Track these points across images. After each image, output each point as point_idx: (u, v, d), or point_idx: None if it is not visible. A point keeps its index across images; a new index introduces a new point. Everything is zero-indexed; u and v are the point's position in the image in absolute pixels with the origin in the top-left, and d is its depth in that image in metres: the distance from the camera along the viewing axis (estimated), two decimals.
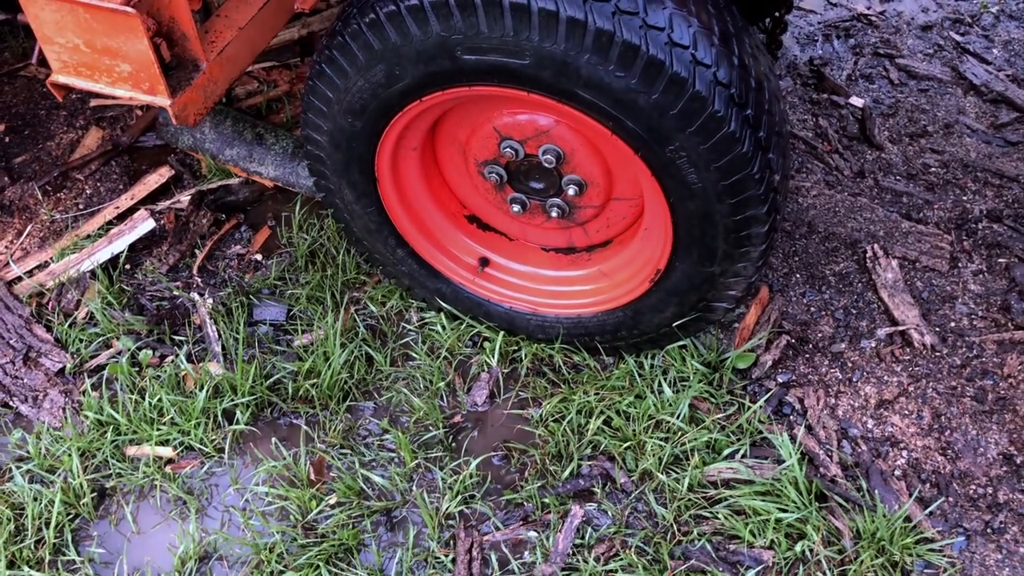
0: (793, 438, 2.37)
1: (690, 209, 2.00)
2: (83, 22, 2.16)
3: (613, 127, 1.90)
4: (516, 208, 2.36)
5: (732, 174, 1.89)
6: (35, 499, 2.28)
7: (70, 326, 2.65)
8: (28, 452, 2.38)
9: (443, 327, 2.62)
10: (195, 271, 2.82)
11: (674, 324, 2.34)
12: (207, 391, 2.44)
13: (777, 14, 2.63)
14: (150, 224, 2.85)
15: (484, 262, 2.54)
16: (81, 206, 3.01)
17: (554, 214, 2.34)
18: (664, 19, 1.76)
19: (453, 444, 2.43)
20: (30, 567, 2.19)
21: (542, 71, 1.83)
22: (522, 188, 2.34)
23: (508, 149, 2.21)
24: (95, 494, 2.33)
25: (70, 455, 2.35)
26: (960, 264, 2.80)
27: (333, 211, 2.47)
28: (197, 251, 2.89)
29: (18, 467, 2.36)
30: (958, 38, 3.67)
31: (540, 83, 1.86)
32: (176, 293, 2.74)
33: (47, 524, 2.25)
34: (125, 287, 2.77)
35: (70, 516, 2.30)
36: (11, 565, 2.19)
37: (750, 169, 1.88)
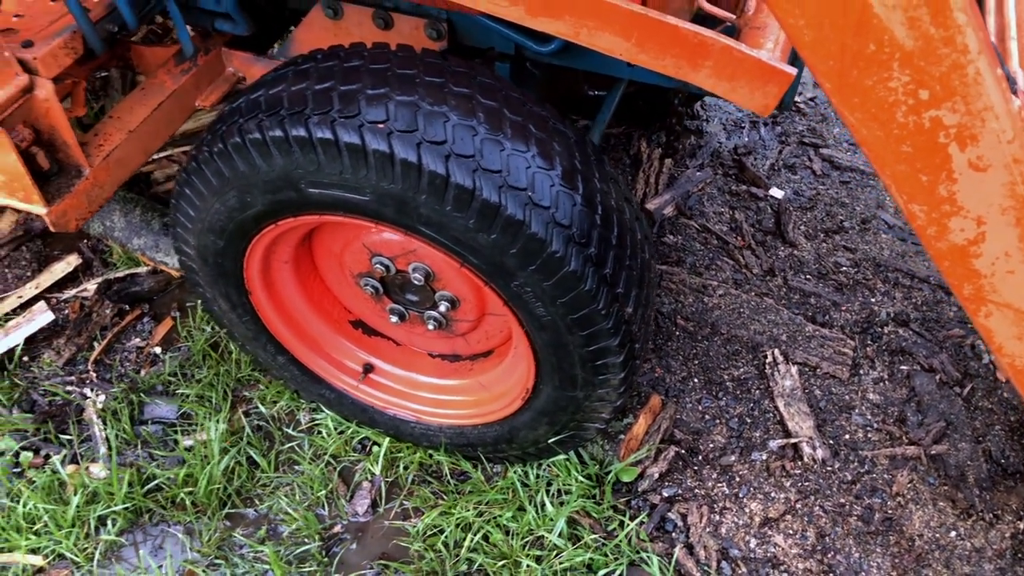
0: (671, 557, 2.33)
1: (544, 338, 1.98)
2: None
3: (460, 260, 1.88)
4: (394, 319, 2.35)
5: (578, 309, 1.87)
6: None
7: None
8: None
9: (329, 431, 2.60)
10: (90, 365, 2.81)
11: (550, 441, 2.31)
12: (82, 497, 2.42)
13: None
14: (48, 316, 2.85)
15: (368, 369, 2.52)
16: None
17: (431, 326, 2.32)
18: (500, 161, 1.75)
19: (326, 558, 2.39)
20: None
21: (383, 207, 1.82)
22: (399, 300, 2.33)
23: (379, 265, 2.20)
24: None
25: None
26: (861, 371, 2.77)
27: (214, 318, 2.46)
28: (97, 343, 2.87)
29: None
30: None
31: (383, 217, 1.85)
32: (67, 389, 2.73)
33: None
34: (18, 381, 2.76)
35: None
36: None
37: (596, 305, 1.86)
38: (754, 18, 1.95)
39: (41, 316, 2.84)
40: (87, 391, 2.73)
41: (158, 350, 2.88)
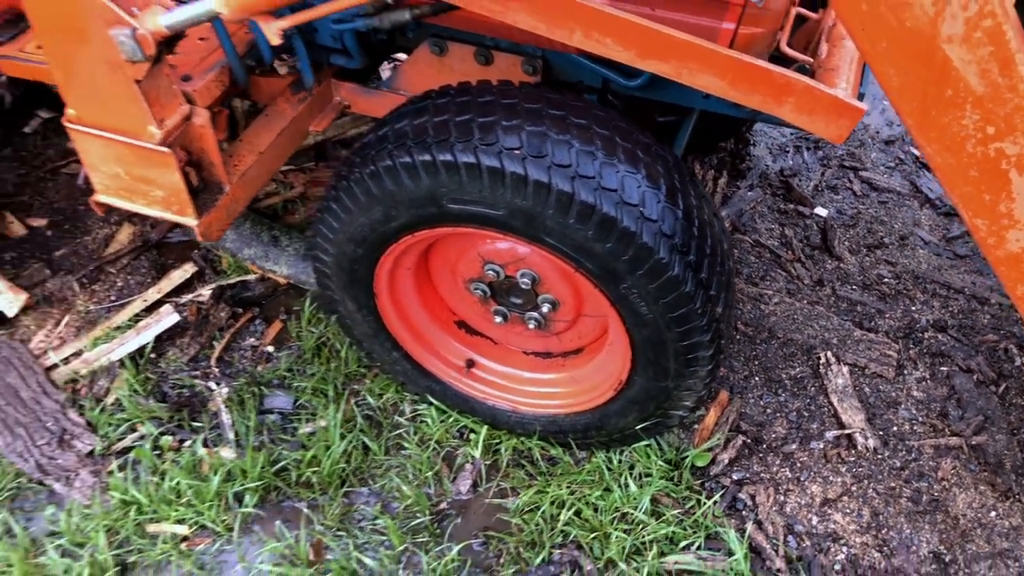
0: (743, 532, 2.64)
1: (644, 335, 2.30)
2: (124, 156, 2.50)
3: (575, 266, 2.21)
4: (498, 319, 2.67)
5: (678, 308, 2.19)
6: (65, 572, 2.56)
7: (100, 411, 2.95)
8: (60, 528, 2.67)
9: (433, 420, 2.92)
10: (213, 362, 3.14)
11: (637, 428, 2.62)
12: (220, 475, 2.74)
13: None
14: (174, 318, 3.18)
15: (470, 363, 2.84)
16: (113, 298, 3.34)
17: (531, 326, 2.64)
18: (617, 182, 2.07)
19: (438, 530, 2.70)
20: None
21: (514, 220, 2.15)
22: (504, 303, 2.65)
23: (490, 271, 2.53)
24: (118, 568, 2.61)
25: (97, 531, 2.64)
26: (905, 371, 3.08)
27: (336, 317, 2.79)
28: (215, 343, 3.20)
29: (51, 542, 2.65)
30: (917, 152, 3.99)
31: (513, 229, 2.18)
32: (195, 383, 3.06)
33: None
34: (150, 375, 3.09)
35: None
36: None
37: (693, 304, 2.18)
38: (827, 60, 2.28)
39: (168, 317, 3.18)
40: (211, 384, 3.06)
41: (271, 349, 3.20)
